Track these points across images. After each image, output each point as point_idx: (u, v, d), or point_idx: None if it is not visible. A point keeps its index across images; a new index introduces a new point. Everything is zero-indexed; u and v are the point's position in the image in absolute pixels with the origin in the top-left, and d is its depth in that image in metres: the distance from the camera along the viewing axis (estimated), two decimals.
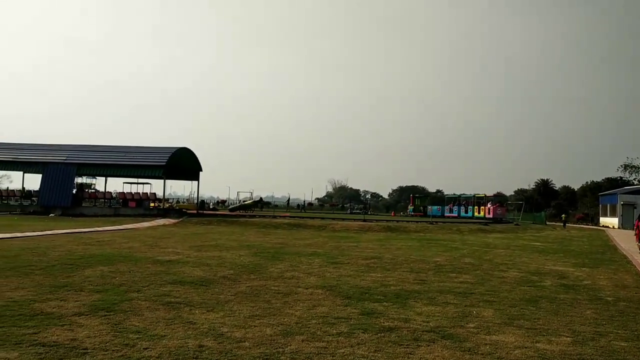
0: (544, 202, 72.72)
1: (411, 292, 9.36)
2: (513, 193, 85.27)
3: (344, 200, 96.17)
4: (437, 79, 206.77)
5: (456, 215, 46.85)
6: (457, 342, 6.11)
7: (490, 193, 52.14)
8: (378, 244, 20.09)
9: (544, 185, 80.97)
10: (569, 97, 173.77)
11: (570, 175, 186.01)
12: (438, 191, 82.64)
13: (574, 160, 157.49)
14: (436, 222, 34.77)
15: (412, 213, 52.39)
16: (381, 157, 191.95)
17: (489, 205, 46.40)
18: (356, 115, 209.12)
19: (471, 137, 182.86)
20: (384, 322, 6.96)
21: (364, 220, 33.63)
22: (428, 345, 5.94)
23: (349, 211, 67.56)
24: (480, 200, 48.65)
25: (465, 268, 13.28)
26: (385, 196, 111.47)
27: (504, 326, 7.00)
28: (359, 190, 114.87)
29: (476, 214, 46.48)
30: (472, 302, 8.63)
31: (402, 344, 5.95)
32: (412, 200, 58.32)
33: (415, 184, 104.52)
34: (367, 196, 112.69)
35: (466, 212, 48.12)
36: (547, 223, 47.19)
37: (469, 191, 51.06)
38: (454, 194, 54.56)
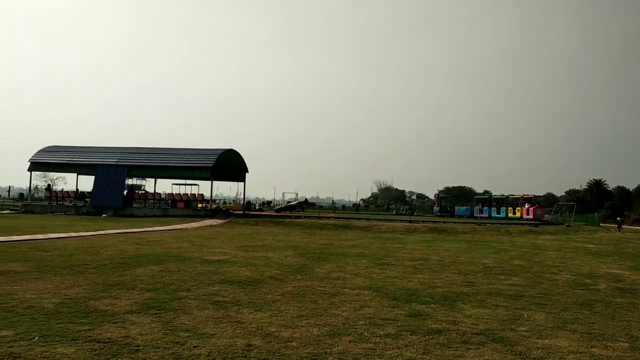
0: (596, 203, 70.35)
1: (459, 294, 9.21)
2: (564, 194, 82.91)
3: (390, 201, 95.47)
4: (486, 78, 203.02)
5: (486, 216, 45.73)
6: (507, 346, 5.97)
7: (540, 194, 50.85)
8: (424, 246, 19.87)
9: (597, 186, 78.35)
10: (624, 95, 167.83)
11: (624, 176, 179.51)
12: (485, 192, 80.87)
13: (628, 160, 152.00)
14: (484, 223, 34.11)
15: (439, 214, 51.38)
16: (427, 157, 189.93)
17: (526, 206, 45.16)
18: (402, 116, 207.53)
19: (521, 138, 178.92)
20: (431, 324, 6.86)
21: (410, 222, 33.31)
22: (478, 349, 5.83)
23: (394, 212, 67.09)
24: (514, 201, 47.58)
25: (515, 270, 12.98)
26: (432, 197, 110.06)
27: (556, 330, 6.80)
28: (404, 191, 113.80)
29: (510, 214, 45.24)
30: (523, 305, 8.43)
31: (451, 347, 5.85)
32: (438, 201, 57.41)
33: (462, 185, 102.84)
34: (412, 197, 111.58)
35: (498, 212, 46.76)
36: (601, 225, 45.66)
37: (517, 192, 49.87)
38: (486, 195, 53.24)
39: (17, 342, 5.40)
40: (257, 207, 54.06)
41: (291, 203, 52.13)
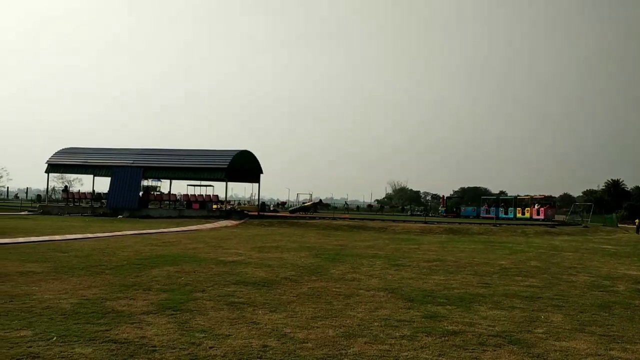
0: (614, 203, 69.47)
1: (475, 296, 9.15)
2: (581, 194, 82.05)
3: (404, 202, 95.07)
4: (503, 79, 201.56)
5: (493, 216, 45.44)
6: (524, 348, 5.91)
7: (556, 194, 50.77)
8: (440, 247, 19.77)
9: (615, 186, 77.39)
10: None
11: None
12: (502, 192, 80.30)
13: None
14: (500, 224, 33.86)
15: (445, 214, 51.38)
16: (443, 158, 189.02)
17: (536, 207, 45.19)
18: (417, 116, 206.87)
19: (537, 138, 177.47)
20: (447, 326, 6.82)
21: (425, 222, 33.16)
22: (494, 350, 5.79)
23: (409, 213, 66.84)
24: (523, 202, 47.65)
25: (531, 271, 12.86)
26: (455, 197, 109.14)
27: (574, 332, 6.73)
28: (419, 191, 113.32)
29: (519, 215, 45.27)
30: (540, 307, 8.35)
31: (467, 349, 5.82)
32: (444, 201, 57.88)
33: (478, 185, 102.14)
34: (427, 198, 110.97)
35: (506, 213, 46.82)
36: (619, 225, 45.13)
37: (533, 193, 49.51)
38: (502, 195, 53.21)
39: (35, 342, 5.46)
40: (271, 208, 54.12)
41: (305, 204, 52.15)
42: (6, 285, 8.68)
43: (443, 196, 62.02)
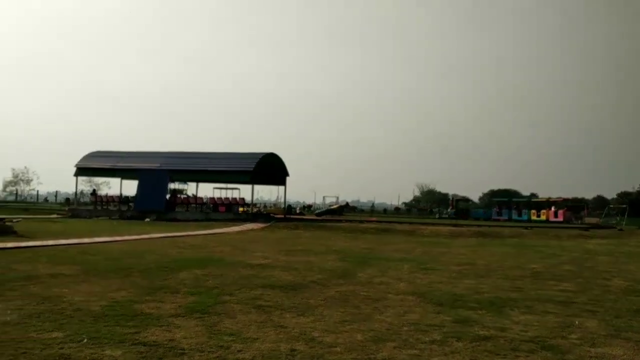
0: None
1: (507, 300, 8.96)
2: (615, 196, 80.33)
3: (432, 205, 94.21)
4: (535, 78, 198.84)
5: (506, 218, 46.06)
6: (558, 354, 5.76)
7: (589, 197, 50.60)
8: (470, 250, 19.50)
9: None
10: None
11: None
12: (532, 194, 79.18)
13: None
14: (531, 227, 33.30)
15: (454, 216, 51.71)
16: (472, 159, 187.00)
17: (552, 209, 45.44)
18: (446, 116, 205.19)
19: (569, 139, 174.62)
20: (478, 331, 6.69)
21: (454, 225, 32.80)
22: (527, 356, 5.65)
23: (437, 216, 66.32)
24: (540, 204, 47.84)
25: (564, 275, 12.58)
26: (476, 200, 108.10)
27: (610, 338, 6.53)
28: (447, 194, 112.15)
29: (534, 217, 45.38)
30: (574, 312, 8.13)
31: (499, 354, 5.68)
32: (453, 203, 58.33)
33: (508, 187, 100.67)
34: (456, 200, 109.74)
35: (520, 215, 47.08)
36: None
37: (566, 195, 49.13)
38: (532, 197, 53.10)
39: (67, 344, 5.50)
40: (297, 211, 54.24)
41: (332, 207, 52.14)
42: (38, 287, 8.80)
43: (451, 198, 61.93)
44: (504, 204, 51.07)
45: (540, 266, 14.45)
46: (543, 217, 44.75)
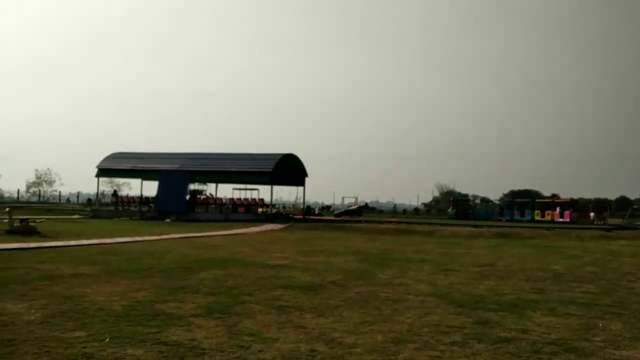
0: None
1: (528, 302, 8.86)
2: (639, 196, 79.07)
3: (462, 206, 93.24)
4: (563, 76, 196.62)
5: (508, 218, 46.81)
6: (582, 357, 5.67)
7: (612, 197, 50.52)
8: (490, 251, 19.33)
9: None
10: None
11: None
12: (554, 195, 78.24)
13: None
14: (552, 227, 32.90)
15: (454, 216, 52.39)
16: (492, 159, 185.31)
17: (558, 210, 46.47)
18: (464, 117, 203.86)
19: (592, 139, 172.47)
20: (500, 333, 6.62)
21: (474, 226, 32.53)
22: (550, 359, 5.58)
23: (447, 216, 65.83)
24: (544, 204, 49.12)
25: (587, 277, 12.40)
26: (496, 201, 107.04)
27: (634, 341, 6.42)
28: (467, 194, 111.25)
29: (538, 217, 46.24)
30: (597, 314, 8.01)
31: (521, 356, 5.62)
32: (453, 204, 58.87)
33: (530, 188, 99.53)
34: (476, 201, 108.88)
35: (522, 215, 47.96)
36: None
37: (590, 195, 49.16)
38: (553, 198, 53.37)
39: (89, 343, 5.57)
40: (316, 212, 54.28)
41: (351, 207, 52.06)
42: (60, 286, 8.92)
43: (452, 199, 62.08)
44: (505, 205, 51.89)
45: (562, 267, 14.27)
46: (548, 218, 45.49)
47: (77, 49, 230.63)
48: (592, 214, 49.10)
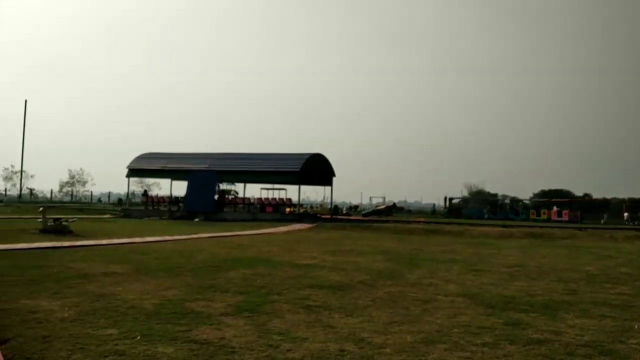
0: None
1: (561, 303, 8.70)
2: None
3: (481, 206, 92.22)
4: (585, 77, 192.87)
5: (502, 217, 47.08)
6: (617, 359, 5.54)
7: (637, 196, 50.78)
8: (520, 251, 19.04)
9: None
10: None
11: None
12: (585, 195, 76.73)
13: None
14: (586, 228, 32.23)
15: (447, 215, 52.75)
16: (524, 159, 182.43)
17: (555, 209, 47.74)
18: (497, 116, 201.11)
19: (622, 138, 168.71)
20: (532, 334, 6.50)
21: (504, 226, 32.08)
22: None
23: (486, 216, 65.08)
24: (539, 204, 50.61)
25: (621, 278, 12.12)
26: (527, 200, 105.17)
27: None
28: (497, 194, 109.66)
29: (533, 216, 46.88)
30: (632, 316, 7.81)
31: (554, 358, 5.52)
32: (446, 203, 59.49)
33: (561, 188, 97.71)
34: (506, 201, 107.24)
35: (516, 214, 49.03)
36: None
37: (621, 195, 48.69)
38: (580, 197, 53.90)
39: (121, 341, 5.65)
40: (344, 212, 54.16)
41: (379, 207, 51.86)
42: (92, 285, 9.07)
43: (446, 197, 61.88)
44: (498, 205, 54.73)
45: (595, 268, 13.97)
46: (544, 217, 46.18)
47: (96, 49, 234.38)
48: (625, 214, 47.94)
